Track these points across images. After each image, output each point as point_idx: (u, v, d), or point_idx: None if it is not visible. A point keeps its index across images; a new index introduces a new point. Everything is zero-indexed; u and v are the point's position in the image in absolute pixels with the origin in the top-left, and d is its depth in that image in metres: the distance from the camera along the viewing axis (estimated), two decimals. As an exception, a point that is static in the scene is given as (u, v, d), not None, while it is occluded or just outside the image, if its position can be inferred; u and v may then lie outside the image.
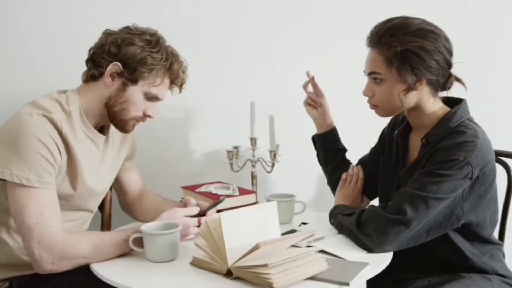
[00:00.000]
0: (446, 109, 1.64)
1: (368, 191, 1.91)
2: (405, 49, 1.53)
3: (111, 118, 1.64)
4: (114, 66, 1.59)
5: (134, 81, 1.60)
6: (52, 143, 1.49)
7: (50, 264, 1.44)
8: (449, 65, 1.60)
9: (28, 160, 1.44)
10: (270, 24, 2.26)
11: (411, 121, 1.70)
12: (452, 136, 1.56)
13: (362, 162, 1.96)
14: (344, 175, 1.90)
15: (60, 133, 1.52)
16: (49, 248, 1.43)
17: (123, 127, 1.66)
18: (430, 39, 1.54)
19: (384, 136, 1.89)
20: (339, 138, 1.98)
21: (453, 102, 1.65)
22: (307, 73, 1.92)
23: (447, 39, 1.58)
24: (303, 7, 2.27)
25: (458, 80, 1.63)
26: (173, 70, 1.64)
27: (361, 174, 1.89)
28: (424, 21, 1.57)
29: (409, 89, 1.57)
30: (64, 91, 1.64)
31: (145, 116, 1.66)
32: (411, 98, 1.60)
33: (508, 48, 2.34)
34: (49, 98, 1.59)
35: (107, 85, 1.61)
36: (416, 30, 1.55)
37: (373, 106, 1.67)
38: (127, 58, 1.58)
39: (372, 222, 1.54)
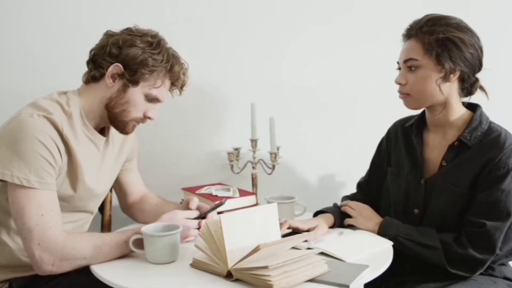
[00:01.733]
0: (469, 111, 1.69)
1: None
2: (446, 37, 1.59)
3: (111, 120, 1.64)
4: (115, 68, 1.59)
5: (135, 83, 1.60)
6: (53, 144, 1.49)
7: (51, 265, 1.44)
8: (481, 63, 1.65)
9: (28, 161, 1.44)
10: (272, 26, 2.26)
11: (433, 119, 1.70)
12: (495, 141, 1.60)
13: (363, 183, 1.94)
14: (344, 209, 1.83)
15: (60, 134, 1.52)
16: (49, 249, 1.43)
17: (123, 129, 1.66)
18: (468, 33, 1.61)
19: (384, 148, 1.88)
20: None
21: (469, 107, 1.70)
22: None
23: (479, 39, 1.64)
24: (304, 8, 2.27)
25: (481, 88, 1.68)
26: (174, 72, 1.64)
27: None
28: (461, 20, 1.64)
29: (445, 77, 1.61)
30: (65, 92, 1.64)
31: (145, 118, 1.66)
32: (444, 89, 1.62)
33: (507, 48, 2.34)
34: (49, 99, 1.59)
35: (108, 86, 1.61)
36: (455, 23, 1.61)
37: (405, 95, 1.67)
38: (128, 60, 1.58)
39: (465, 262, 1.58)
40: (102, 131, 1.70)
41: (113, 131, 1.71)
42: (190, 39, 2.18)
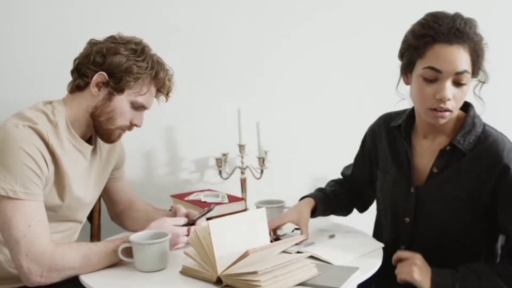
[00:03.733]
0: (460, 111, 1.56)
1: (359, 207, 1.88)
2: (482, 43, 1.46)
3: (96, 128, 1.63)
4: (100, 76, 1.58)
5: (120, 91, 1.59)
6: (39, 155, 1.48)
7: (39, 276, 1.43)
8: None
9: (14, 172, 1.43)
10: (256, 31, 2.27)
11: (425, 121, 1.55)
12: (494, 146, 1.49)
13: (348, 176, 1.87)
14: None
15: (46, 144, 1.51)
16: (37, 260, 1.42)
17: (109, 137, 1.65)
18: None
19: (369, 147, 1.78)
20: (321, 203, 1.76)
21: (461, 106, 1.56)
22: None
23: None
24: (289, 10, 2.28)
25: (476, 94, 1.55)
26: (159, 78, 1.64)
27: None
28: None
29: (474, 88, 1.51)
30: (50, 102, 1.63)
31: (131, 125, 1.66)
32: None
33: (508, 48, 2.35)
34: (34, 109, 1.58)
35: (93, 95, 1.60)
36: (478, 26, 1.48)
37: (447, 111, 1.47)
38: (112, 68, 1.58)
39: None
40: (89, 140, 1.69)
41: (100, 140, 1.70)
42: (175, 45, 2.18)
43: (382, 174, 1.70)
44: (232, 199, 1.98)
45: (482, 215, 1.54)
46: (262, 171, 2.18)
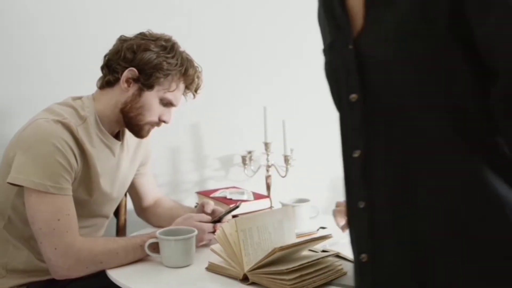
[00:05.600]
0: None
1: None
2: None
3: (126, 124, 1.65)
4: (130, 72, 1.59)
5: (150, 87, 1.60)
6: (69, 150, 1.50)
7: (67, 269, 1.45)
8: None
9: (44, 167, 1.45)
10: (282, 28, 2.26)
11: None
12: None
13: None
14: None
15: (76, 139, 1.52)
16: (66, 253, 1.44)
17: (138, 132, 1.67)
18: None
19: None
20: None
21: None
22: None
23: None
24: (314, 9, 2.27)
25: None
26: (189, 75, 1.65)
27: None
28: None
29: None
30: (79, 97, 1.65)
31: (160, 122, 1.66)
32: None
33: None
34: (64, 104, 1.60)
35: (122, 91, 1.61)
36: None
37: None
38: (143, 64, 1.59)
39: None
40: (117, 135, 1.70)
41: (128, 135, 1.72)
42: (200, 42, 2.18)
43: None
44: (257, 196, 1.98)
45: (446, 49, 0.83)
46: (287, 169, 2.17)
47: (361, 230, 0.95)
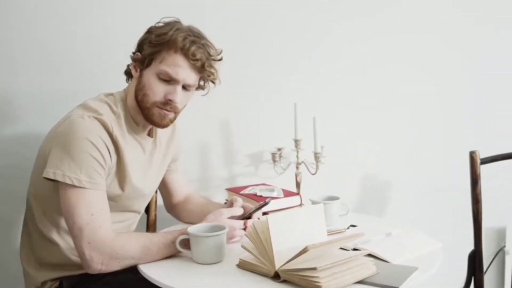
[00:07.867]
0: None
1: None
2: None
3: (142, 112, 1.62)
4: (135, 57, 1.61)
5: (147, 65, 1.59)
6: (103, 145, 1.51)
7: (100, 264, 1.46)
8: None
9: (79, 162, 1.47)
10: (313, 25, 2.25)
11: None
12: None
13: None
14: None
15: (110, 135, 1.54)
16: (99, 248, 1.45)
17: (151, 118, 1.61)
18: None
19: None
20: None
21: None
22: None
23: None
24: (342, 5, 2.25)
25: None
26: (177, 42, 1.56)
27: None
28: None
29: None
30: (112, 93, 1.67)
31: (167, 101, 1.59)
32: None
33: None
34: (98, 100, 1.62)
35: (135, 79, 1.63)
36: None
37: None
38: (141, 45, 1.61)
39: None
40: (150, 132, 1.71)
41: (159, 132, 1.73)
42: (231, 39, 2.18)
43: None
44: (287, 194, 1.98)
45: None
46: (317, 167, 2.16)
47: None
